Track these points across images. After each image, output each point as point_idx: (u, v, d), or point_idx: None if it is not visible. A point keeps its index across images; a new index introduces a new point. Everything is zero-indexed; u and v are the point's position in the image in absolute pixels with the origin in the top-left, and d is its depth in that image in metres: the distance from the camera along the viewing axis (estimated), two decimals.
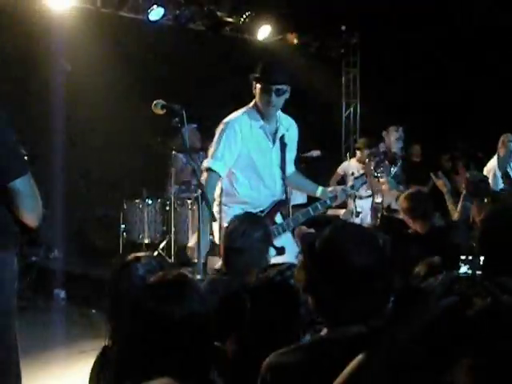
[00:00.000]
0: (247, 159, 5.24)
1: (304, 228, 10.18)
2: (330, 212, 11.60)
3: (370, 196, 10.79)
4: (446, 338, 2.43)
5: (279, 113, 5.45)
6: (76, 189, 9.38)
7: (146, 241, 9.28)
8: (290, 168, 5.59)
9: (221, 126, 5.29)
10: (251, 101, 5.33)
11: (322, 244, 2.24)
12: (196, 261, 4.90)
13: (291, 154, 5.55)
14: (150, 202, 8.98)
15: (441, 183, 6.35)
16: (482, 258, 2.17)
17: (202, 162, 8.91)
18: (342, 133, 14.96)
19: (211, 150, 5.25)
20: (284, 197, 5.47)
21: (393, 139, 9.59)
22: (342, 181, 10.73)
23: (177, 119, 5.57)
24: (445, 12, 10.56)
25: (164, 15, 10.19)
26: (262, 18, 11.74)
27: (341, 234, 2.28)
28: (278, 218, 5.47)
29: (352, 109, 14.88)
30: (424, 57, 11.89)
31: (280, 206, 5.47)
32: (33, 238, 7.44)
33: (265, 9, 11.55)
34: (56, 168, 6.42)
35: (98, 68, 9.39)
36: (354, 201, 10.40)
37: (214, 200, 5.07)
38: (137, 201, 9.49)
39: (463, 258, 2.16)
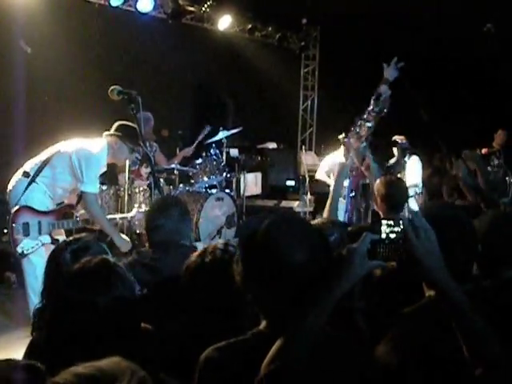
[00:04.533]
0: None
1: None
2: (284, 204, 11.72)
3: None
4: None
5: None
6: None
7: (99, 226, 9.20)
8: None
9: None
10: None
11: (259, 239, 2.14)
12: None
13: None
14: (104, 187, 8.93)
15: None
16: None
17: (155, 151, 9.03)
18: (298, 125, 15.04)
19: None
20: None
21: None
22: None
23: (132, 105, 5.64)
24: (404, 8, 10.68)
25: (125, 1, 10.15)
26: (223, 8, 11.77)
27: (278, 229, 2.14)
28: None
29: (309, 101, 14.96)
30: (382, 52, 12.01)
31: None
32: None
33: None
34: (14, 153, 6.39)
35: (59, 51, 9.30)
36: (307, 194, 10.52)
37: None
38: None
39: (385, 221, 2.05)
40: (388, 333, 2.32)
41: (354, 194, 6.28)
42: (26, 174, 6.21)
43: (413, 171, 9.45)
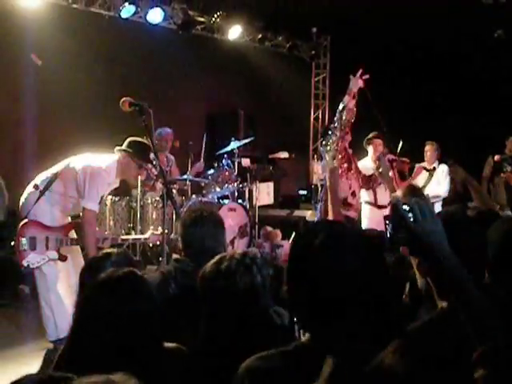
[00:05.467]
0: None
1: (268, 227, 10.19)
2: (297, 213, 11.68)
3: None
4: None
5: None
6: None
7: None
8: None
9: None
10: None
11: (314, 250, 2.00)
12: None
13: None
14: (116, 199, 8.94)
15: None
16: None
17: (171, 165, 9.11)
18: (310, 134, 15.00)
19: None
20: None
21: None
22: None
23: (144, 117, 5.64)
24: (415, 16, 10.66)
25: (135, 13, 10.18)
26: (233, 19, 11.79)
27: (336, 242, 2.01)
28: None
29: (320, 111, 14.92)
30: (394, 60, 12.00)
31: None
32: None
33: (236, 9, 11.59)
34: (26, 164, 6.42)
35: (69, 63, 9.35)
36: (317, 203, 10.45)
37: None
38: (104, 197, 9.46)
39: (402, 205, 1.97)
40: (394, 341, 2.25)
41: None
42: (36, 187, 6.23)
43: (440, 180, 9.39)
